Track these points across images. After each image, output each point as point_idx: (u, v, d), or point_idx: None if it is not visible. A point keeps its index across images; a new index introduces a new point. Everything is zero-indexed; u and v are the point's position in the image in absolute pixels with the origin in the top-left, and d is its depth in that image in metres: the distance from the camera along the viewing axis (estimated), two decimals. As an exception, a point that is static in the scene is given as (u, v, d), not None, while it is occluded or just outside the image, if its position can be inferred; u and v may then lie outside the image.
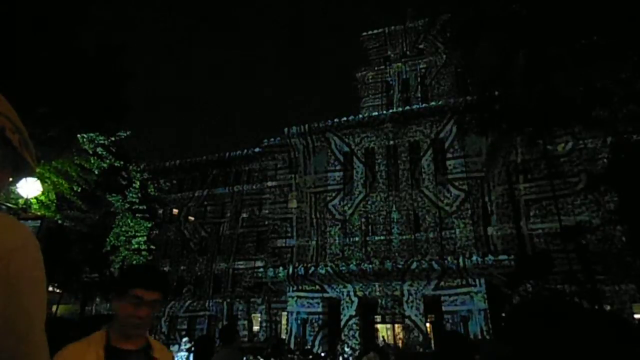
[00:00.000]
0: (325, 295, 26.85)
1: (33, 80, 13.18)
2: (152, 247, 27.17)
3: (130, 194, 24.13)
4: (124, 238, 24.04)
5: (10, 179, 0.88)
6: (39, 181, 10.53)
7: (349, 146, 33.37)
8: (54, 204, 15.63)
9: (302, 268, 27.06)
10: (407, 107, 33.44)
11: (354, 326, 25.65)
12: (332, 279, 26.43)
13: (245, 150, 39.55)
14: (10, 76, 12.29)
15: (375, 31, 40.12)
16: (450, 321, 24.00)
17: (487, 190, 29.20)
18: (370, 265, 25.58)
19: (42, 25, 13.42)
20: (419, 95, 36.54)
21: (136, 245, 24.47)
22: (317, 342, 25.48)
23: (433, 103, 32.58)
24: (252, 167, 39.02)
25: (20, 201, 11.53)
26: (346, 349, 21.77)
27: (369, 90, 38.40)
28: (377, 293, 25.91)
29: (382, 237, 30.01)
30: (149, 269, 1.87)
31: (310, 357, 19.38)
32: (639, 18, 8.92)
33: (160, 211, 38.82)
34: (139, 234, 24.53)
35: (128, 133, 20.09)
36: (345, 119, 33.43)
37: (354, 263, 26.33)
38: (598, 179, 20.88)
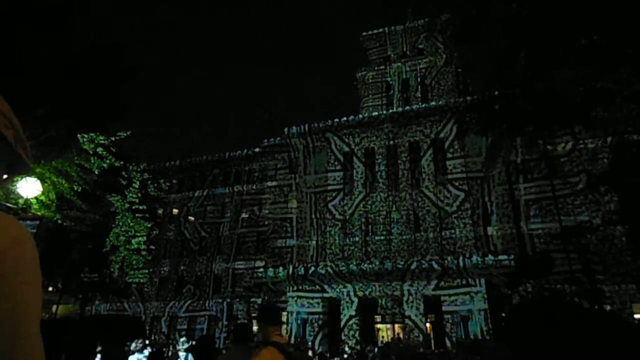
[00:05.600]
0: (325, 295, 26.85)
1: (33, 80, 13.18)
2: (152, 247, 27.19)
3: (130, 194, 24.14)
4: (124, 238, 24.05)
5: (5, 176, 0.87)
6: (39, 181, 10.53)
7: (349, 146, 33.37)
8: (54, 204, 15.64)
9: (302, 268, 27.05)
10: (407, 107, 33.43)
11: (354, 326, 25.65)
12: (332, 279, 26.43)
13: (245, 150, 39.54)
14: (10, 76, 12.29)
15: (375, 31, 40.14)
16: (450, 321, 24.00)
17: (487, 190, 29.21)
18: (370, 265, 25.57)
19: (42, 23, 13.41)
20: (419, 95, 36.55)
21: (136, 245, 24.48)
22: (317, 342, 25.47)
23: (433, 103, 32.58)
24: (252, 167, 39.01)
25: (20, 201, 11.54)
26: (346, 349, 21.77)
27: (369, 90, 38.40)
28: (377, 293, 25.90)
29: (382, 237, 30.00)
30: None
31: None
32: (638, 18, 8.92)
33: (160, 211, 38.82)
34: (138, 234, 24.54)
35: (128, 133, 20.09)
36: (345, 119, 33.42)
37: (354, 263, 26.32)
38: (598, 179, 20.90)
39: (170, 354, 17.53)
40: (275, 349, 2.88)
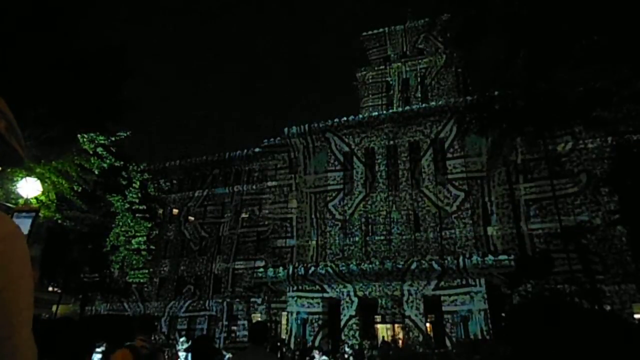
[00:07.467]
0: (325, 295, 26.84)
1: (33, 81, 13.18)
2: (152, 247, 27.20)
3: (130, 194, 24.14)
4: (124, 238, 24.05)
5: None
6: (39, 181, 10.52)
7: (349, 146, 33.36)
8: (54, 204, 15.63)
9: (302, 268, 27.04)
10: (407, 107, 33.43)
11: (354, 326, 25.64)
12: (332, 279, 26.42)
13: (245, 150, 39.53)
14: (10, 76, 12.29)
15: (375, 31, 40.14)
16: (450, 321, 23.99)
17: (487, 190, 29.20)
18: (370, 265, 25.56)
19: (42, 24, 13.41)
20: (419, 95, 36.54)
21: (136, 245, 24.50)
22: (317, 342, 25.45)
23: (433, 103, 32.56)
24: (252, 167, 39.00)
25: (21, 201, 11.53)
26: (346, 349, 21.77)
27: (369, 90, 38.40)
28: (377, 293, 25.89)
29: (382, 237, 29.99)
30: None
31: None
32: (639, 18, 8.92)
33: (160, 211, 38.80)
34: (139, 234, 24.55)
35: (128, 133, 20.09)
36: (345, 119, 33.41)
37: (354, 263, 26.31)
38: (600, 181, 20.91)
39: (170, 354, 17.52)
40: (129, 350, 3.55)
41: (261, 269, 29.22)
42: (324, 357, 12.12)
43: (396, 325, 26.95)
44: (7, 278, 0.73)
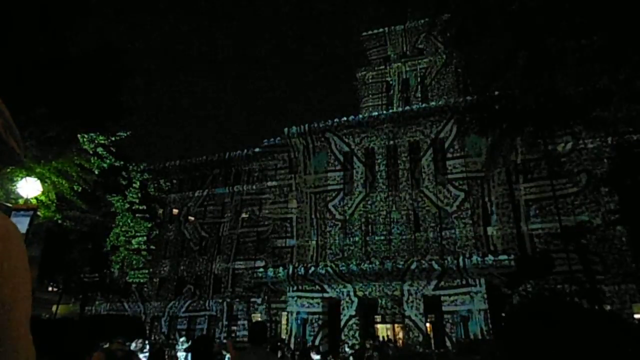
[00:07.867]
0: (325, 295, 26.84)
1: (33, 81, 13.18)
2: (152, 247, 27.19)
3: (130, 194, 24.12)
4: (124, 238, 24.04)
5: None
6: (39, 181, 10.51)
7: (349, 146, 33.35)
8: (54, 204, 15.62)
9: (302, 268, 27.04)
10: (407, 107, 33.43)
11: (354, 326, 25.64)
12: (332, 279, 26.41)
13: (245, 150, 39.53)
14: (10, 76, 12.29)
15: (375, 31, 40.14)
16: (450, 321, 23.99)
17: (487, 190, 29.19)
18: (370, 265, 25.56)
19: (41, 23, 13.41)
20: (419, 95, 36.54)
21: (136, 245, 24.49)
22: (317, 342, 25.45)
23: (433, 103, 32.56)
24: (252, 167, 39.01)
25: (20, 201, 11.52)
26: (346, 349, 21.77)
27: (369, 90, 38.39)
28: (377, 293, 25.89)
29: (382, 237, 29.98)
30: None
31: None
32: (639, 18, 8.91)
33: (160, 211, 38.80)
34: (139, 234, 24.54)
35: (128, 133, 20.08)
36: (345, 119, 33.41)
37: (354, 263, 26.31)
38: (601, 180, 20.90)
39: (170, 354, 17.51)
40: (103, 353, 3.90)
41: (261, 269, 29.21)
42: (317, 357, 12.09)
43: (396, 325, 26.95)
44: (4, 278, 0.73)
